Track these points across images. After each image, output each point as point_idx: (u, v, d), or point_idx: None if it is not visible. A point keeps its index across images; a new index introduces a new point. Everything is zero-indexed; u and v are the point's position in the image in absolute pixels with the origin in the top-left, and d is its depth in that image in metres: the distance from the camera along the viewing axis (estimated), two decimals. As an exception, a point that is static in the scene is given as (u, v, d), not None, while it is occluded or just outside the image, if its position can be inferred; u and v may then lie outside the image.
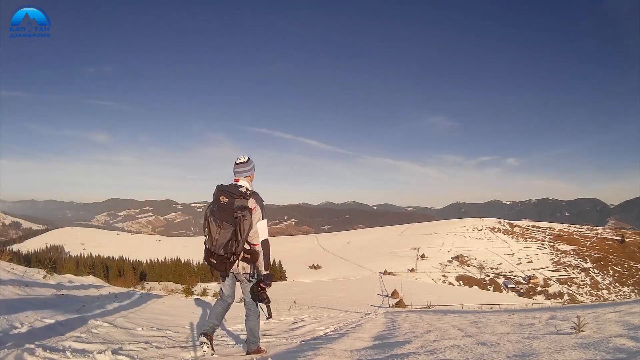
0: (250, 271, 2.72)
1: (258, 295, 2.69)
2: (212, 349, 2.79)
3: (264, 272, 2.69)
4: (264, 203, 2.73)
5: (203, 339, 2.74)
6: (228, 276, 2.75)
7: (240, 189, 2.67)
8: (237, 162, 2.86)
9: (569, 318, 3.93)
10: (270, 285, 2.69)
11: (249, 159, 2.91)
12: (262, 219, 2.67)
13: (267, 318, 2.80)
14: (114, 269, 58.22)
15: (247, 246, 2.66)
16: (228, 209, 2.58)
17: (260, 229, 2.65)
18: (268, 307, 2.72)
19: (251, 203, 2.64)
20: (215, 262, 2.63)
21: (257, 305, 2.85)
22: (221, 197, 2.63)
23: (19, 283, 4.67)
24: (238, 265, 2.69)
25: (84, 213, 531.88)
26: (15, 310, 3.21)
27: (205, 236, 2.69)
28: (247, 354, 2.89)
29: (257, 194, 2.73)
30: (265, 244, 2.68)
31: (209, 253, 2.67)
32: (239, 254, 2.62)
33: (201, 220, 2.78)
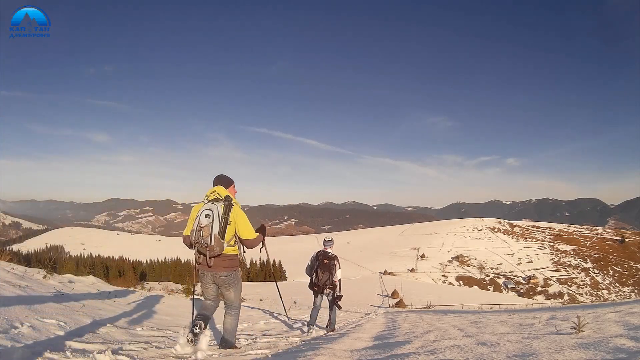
0: (332, 292, 5.23)
1: (335, 302, 5.29)
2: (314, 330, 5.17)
3: (339, 294, 5.28)
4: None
5: (313, 328, 5.17)
6: (322, 294, 5.29)
7: (331, 255, 5.25)
8: (326, 240, 5.52)
9: (569, 318, 3.93)
10: (340, 299, 5.33)
11: (332, 238, 5.58)
12: (339, 268, 5.25)
13: (339, 308, 5.52)
14: (114, 269, 58.23)
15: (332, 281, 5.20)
16: (328, 264, 5.17)
17: (339, 274, 5.24)
18: (338, 307, 5.38)
19: (336, 262, 5.23)
20: (316, 289, 5.21)
21: (332, 308, 5.39)
22: (325, 260, 5.20)
23: (19, 283, 4.67)
24: (326, 288, 5.20)
25: (84, 213, 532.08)
26: (15, 310, 3.21)
27: (313, 276, 5.23)
28: (328, 331, 5.26)
29: (337, 256, 5.33)
30: (340, 281, 5.29)
31: (314, 284, 5.24)
32: (328, 285, 5.18)
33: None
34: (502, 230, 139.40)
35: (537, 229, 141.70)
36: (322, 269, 5.16)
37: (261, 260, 77.38)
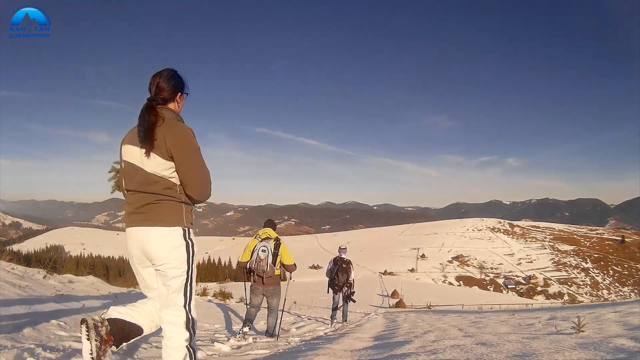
0: (349, 290, 6.79)
1: (350, 297, 6.84)
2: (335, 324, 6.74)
3: (353, 290, 6.87)
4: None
5: (335, 319, 6.81)
6: (340, 292, 6.74)
7: (346, 260, 6.79)
8: (341, 247, 7.00)
9: (569, 318, 3.92)
10: (354, 294, 6.94)
11: (346, 247, 7.14)
12: (352, 270, 6.77)
13: (354, 302, 7.15)
14: (114, 269, 58.18)
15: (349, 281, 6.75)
16: (345, 268, 6.66)
17: (353, 274, 6.76)
18: (353, 301, 6.98)
19: (351, 265, 6.75)
20: (337, 288, 6.65)
21: (347, 302, 6.97)
22: (343, 265, 6.66)
23: (19, 283, 4.67)
24: (343, 287, 6.70)
25: (84, 213, 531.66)
26: (16, 310, 3.22)
27: (334, 279, 6.68)
28: (343, 321, 7.06)
29: (351, 261, 6.86)
30: (354, 280, 6.84)
31: (333, 284, 6.70)
32: (346, 284, 6.67)
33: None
34: (502, 230, 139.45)
35: (537, 229, 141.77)
36: (340, 271, 6.65)
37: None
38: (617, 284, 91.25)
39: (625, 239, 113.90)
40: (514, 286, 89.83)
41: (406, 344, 2.80)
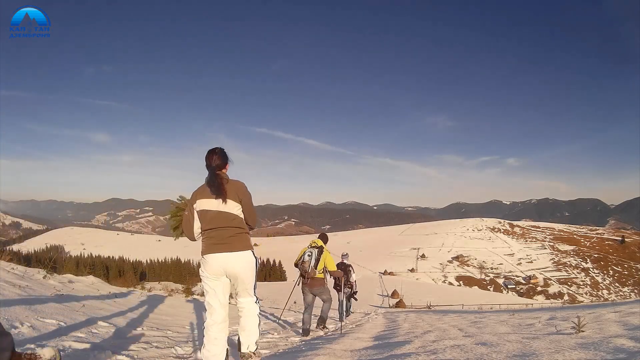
0: (351, 290, 8.46)
1: (352, 295, 8.73)
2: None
3: (355, 289, 8.63)
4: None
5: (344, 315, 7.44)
6: (342, 292, 6.91)
7: (347, 264, 8.33)
8: (343, 254, 8.49)
9: (569, 318, 3.92)
10: (356, 293, 8.97)
11: (347, 253, 8.74)
12: (353, 272, 8.43)
13: (355, 300, 9.55)
14: (114, 269, 58.17)
15: (350, 281, 8.33)
16: (345, 271, 8.05)
17: (354, 277, 8.44)
18: (355, 299, 9.12)
19: (350, 269, 8.30)
20: (338, 288, 6.88)
21: (348, 301, 8.81)
22: (342, 268, 7.96)
23: (19, 283, 4.67)
24: (345, 287, 7.32)
25: (84, 213, 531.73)
26: (16, 310, 3.22)
27: (336, 279, 6.62)
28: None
29: (351, 265, 8.47)
30: (355, 281, 8.54)
31: (335, 285, 6.85)
32: (346, 284, 7.89)
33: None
34: (502, 230, 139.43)
35: (537, 229, 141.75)
36: (342, 274, 8.02)
37: (261, 259, 77.37)
38: (617, 284, 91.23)
39: (625, 239, 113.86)
40: (514, 286, 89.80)
41: (406, 344, 2.80)
